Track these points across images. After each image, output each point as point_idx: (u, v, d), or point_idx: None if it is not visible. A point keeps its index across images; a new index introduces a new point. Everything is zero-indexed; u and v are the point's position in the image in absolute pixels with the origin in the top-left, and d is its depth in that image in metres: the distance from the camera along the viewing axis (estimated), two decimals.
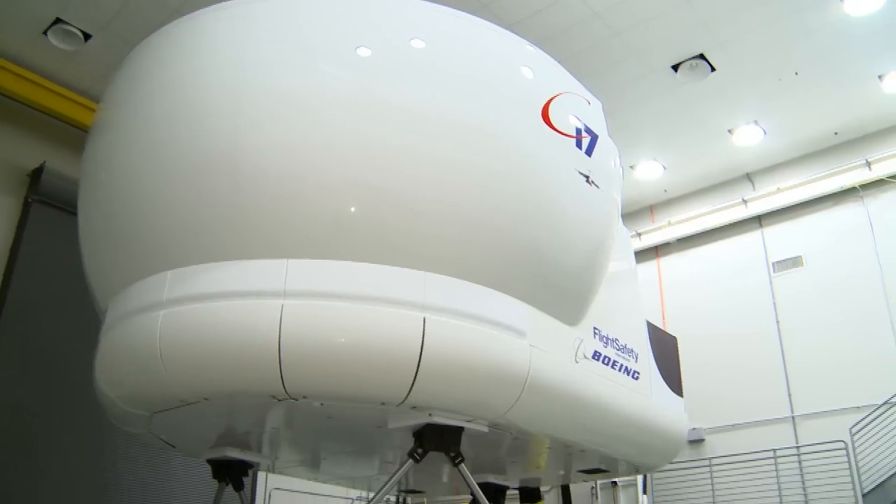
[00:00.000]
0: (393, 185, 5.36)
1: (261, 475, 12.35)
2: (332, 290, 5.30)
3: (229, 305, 5.24)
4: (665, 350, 9.14)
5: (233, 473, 7.81)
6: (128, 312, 5.64)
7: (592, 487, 13.67)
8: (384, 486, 6.48)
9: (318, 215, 5.33)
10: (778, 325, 14.30)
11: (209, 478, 7.90)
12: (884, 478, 11.85)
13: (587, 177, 6.37)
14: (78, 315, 8.43)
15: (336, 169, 5.29)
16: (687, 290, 15.51)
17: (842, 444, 12.50)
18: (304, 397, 5.53)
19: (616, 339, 7.48)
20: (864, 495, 12.05)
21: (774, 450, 13.21)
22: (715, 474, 13.57)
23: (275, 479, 12.42)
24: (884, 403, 12.27)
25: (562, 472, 9.80)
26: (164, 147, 5.55)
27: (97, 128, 6.37)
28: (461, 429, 6.13)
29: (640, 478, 13.03)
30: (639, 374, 7.82)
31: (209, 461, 7.69)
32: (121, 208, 5.85)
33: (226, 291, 5.29)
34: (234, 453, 7.52)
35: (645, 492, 13.24)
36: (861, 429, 12.42)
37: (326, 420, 6.28)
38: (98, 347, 5.98)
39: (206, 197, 5.39)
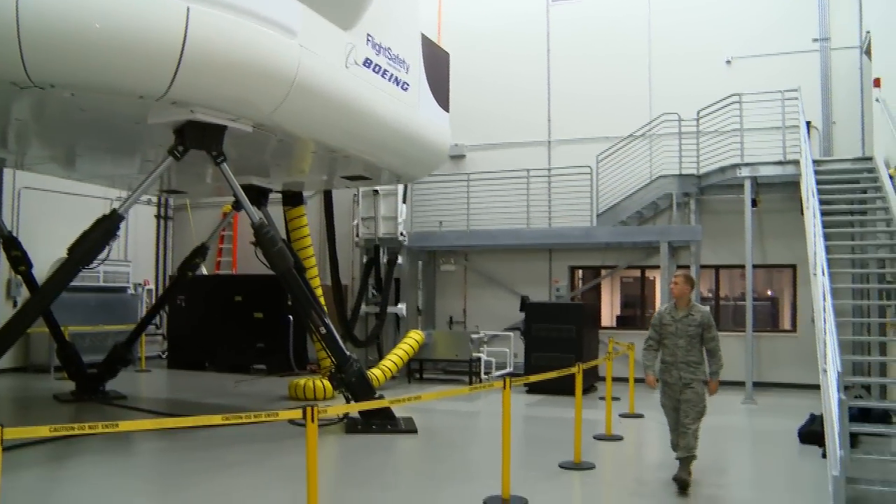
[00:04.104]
0: None
1: (7, 172, 11.63)
2: None
3: None
4: (437, 65, 9.26)
5: None
6: None
7: (354, 195, 14.07)
8: (142, 183, 6.36)
9: None
10: (548, 54, 14.71)
11: None
12: (616, 201, 13.17)
13: None
14: None
15: None
16: (465, 8, 15.41)
17: (588, 170, 13.60)
18: (52, 86, 5.14)
19: (389, 49, 7.44)
20: (598, 215, 13.40)
21: (528, 170, 14.12)
22: (472, 189, 14.39)
23: (25, 177, 11.75)
24: (628, 136, 13.31)
25: (325, 178, 10.05)
26: None
27: None
28: (224, 127, 6.04)
29: (400, 187, 13.54)
30: (408, 85, 7.92)
31: None
32: None
33: None
34: None
35: (404, 201, 13.84)
36: (605, 157, 13.51)
37: (80, 113, 5.93)
38: None
39: None
